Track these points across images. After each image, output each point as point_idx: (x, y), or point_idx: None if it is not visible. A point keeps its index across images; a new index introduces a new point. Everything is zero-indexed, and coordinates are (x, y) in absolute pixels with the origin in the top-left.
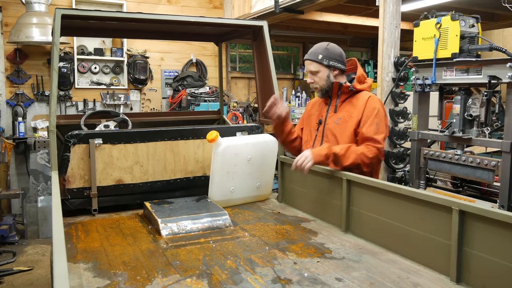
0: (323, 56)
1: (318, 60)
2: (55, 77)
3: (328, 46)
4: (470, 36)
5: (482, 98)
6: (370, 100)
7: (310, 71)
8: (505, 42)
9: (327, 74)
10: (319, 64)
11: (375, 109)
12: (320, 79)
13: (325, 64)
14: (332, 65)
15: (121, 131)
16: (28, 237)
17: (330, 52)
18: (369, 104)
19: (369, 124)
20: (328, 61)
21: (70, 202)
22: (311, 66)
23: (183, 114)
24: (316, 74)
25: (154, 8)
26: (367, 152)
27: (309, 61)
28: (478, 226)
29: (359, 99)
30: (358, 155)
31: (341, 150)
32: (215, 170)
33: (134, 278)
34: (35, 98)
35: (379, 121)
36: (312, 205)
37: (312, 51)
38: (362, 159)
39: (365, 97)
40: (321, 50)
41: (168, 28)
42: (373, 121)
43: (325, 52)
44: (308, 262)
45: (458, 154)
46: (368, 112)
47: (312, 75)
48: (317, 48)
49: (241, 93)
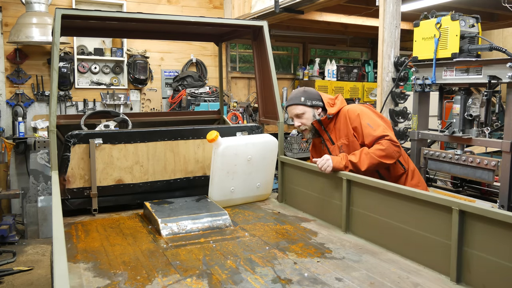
0: (305, 98)
1: (302, 103)
2: (55, 77)
3: (306, 89)
4: (470, 36)
5: (482, 98)
6: (349, 113)
7: (296, 115)
8: (505, 42)
9: (313, 113)
10: (303, 106)
11: (357, 116)
12: (307, 119)
13: (309, 105)
14: (314, 104)
15: (121, 131)
16: (28, 237)
17: (309, 94)
18: (350, 116)
19: (364, 129)
20: (311, 101)
21: (70, 202)
22: (296, 109)
23: (183, 114)
24: (302, 116)
25: (154, 8)
26: (379, 146)
27: (293, 106)
28: (478, 226)
29: (341, 119)
30: (372, 153)
31: (355, 157)
32: (215, 170)
33: (134, 278)
34: (35, 98)
35: (369, 121)
36: (312, 205)
37: (292, 97)
38: (377, 154)
39: (344, 114)
40: (301, 94)
41: (168, 28)
42: (364, 125)
43: (305, 95)
44: (308, 262)
45: (458, 154)
46: (355, 122)
47: (298, 119)
48: (296, 93)
49: (241, 93)
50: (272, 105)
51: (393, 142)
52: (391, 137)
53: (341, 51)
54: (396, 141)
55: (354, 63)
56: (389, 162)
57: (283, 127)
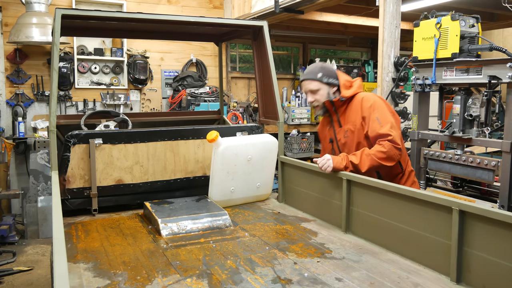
0: (322, 74)
1: (318, 79)
2: (55, 77)
3: (323, 65)
4: (470, 36)
5: (482, 98)
6: (363, 101)
7: (310, 90)
8: (505, 42)
9: (327, 91)
10: (319, 82)
11: (370, 106)
12: (321, 96)
13: (325, 82)
14: (330, 82)
15: (121, 131)
16: (28, 237)
17: (326, 70)
18: (364, 105)
19: (371, 123)
20: (327, 78)
21: (70, 202)
22: (311, 85)
23: (183, 114)
24: (317, 93)
25: (154, 8)
26: (381, 148)
27: (308, 80)
28: (478, 226)
29: (354, 105)
30: (373, 154)
31: (356, 157)
32: (215, 170)
33: (134, 278)
34: (35, 98)
35: (379, 115)
36: (312, 205)
37: (309, 71)
38: (378, 156)
39: (358, 100)
40: (318, 69)
41: (168, 28)
42: (373, 118)
43: (322, 71)
44: (308, 262)
45: (458, 154)
46: (366, 113)
47: (312, 94)
48: (313, 67)
49: (241, 93)
50: (272, 105)
51: (395, 144)
52: (393, 138)
53: (341, 51)
54: (398, 143)
55: (354, 63)
56: (389, 164)
57: (283, 127)
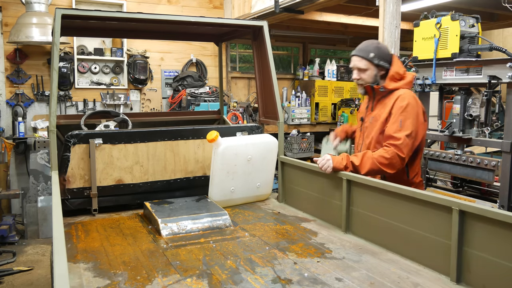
0: (374, 55)
1: (369, 58)
2: (55, 77)
3: (379, 45)
4: (470, 36)
5: (482, 98)
6: (399, 99)
7: (358, 68)
8: (505, 42)
9: (375, 73)
10: (369, 63)
11: (402, 107)
12: (368, 77)
13: (375, 63)
14: (381, 64)
15: (121, 131)
16: (28, 237)
17: (381, 52)
18: (397, 103)
19: (393, 122)
20: (379, 60)
21: (70, 202)
22: (360, 63)
23: (183, 114)
24: (364, 72)
25: (154, 8)
26: (384, 153)
27: (358, 57)
28: (478, 226)
29: (390, 98)
30: (375, 158)
31: (357, 159)
32: (215, 170)
33: (134, 278)
34: (35, 98)
35: (404, 118)
36: (312, 205)
37: (362, 48)
38: (380, 161)
39: (396, 95)
40: (372, 48)
41: (168, 28)
42: (397, 118)
43: (376, 51)
44: (308, 262)
45: (458, 154)
46: (395, 110)
47: (359, 72)
48: (367, 45)
49: (241, 93)
50: (272, 105)
51: (400, 153)
52: (401, 146)
53: (341, 51)
54: (403, 153)
55: None
56: (389, 171)
57: (283, 127)
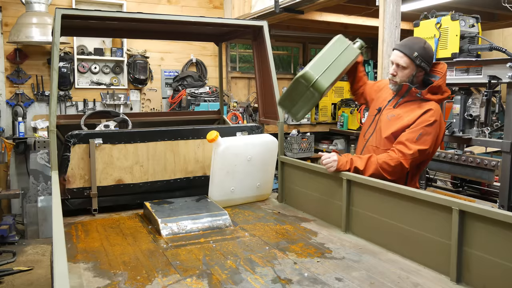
0: (418, 55)
1: (412, 57)
2: (55, 77)
3: (426, 46)
4: (470, 36)
5: (482, 98)
6: (429, 113)
7: (397, 64)
8: (505, 42)
9: (414, 73)
10: (411, 61)
11: (428, 122)
12: (404, 75)
13: (417, 64)
14: (422, 66)
15: (121, 131)
16: (28, 237)
17: (426, 53)
18: (426, 116)
19: (412, 131)
20: (421, 61)
21: (70, 202)
22: (401, 60)
23: (183, 114)
24: (403, 70)
25: (154, 8)
26: (389, 161)
27: (401, 53)
28: (478, 226)
29: (421, 108)
30: (379, 164)
31: (361, 163)
32: (215, 170)
33: (134, 278)
34: (35, 98)
35: (425, 133)
36: (312, 205)
37: (408, 45)
38: (383, 167)
39: (426, 107)
40: (418, 48)
41: (168, 28)
42: (418, 130)
43: (421, 51)
44: (308, 262)
45: (458, 154)
46: (420, 121)
47: (397, 68)
48: (414, 43)
49: (241, 93)
50: (272, 105)
51: (405, 164)
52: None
53: None
54: (408, 165)
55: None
56: (390, 178)
57: (283, 127)
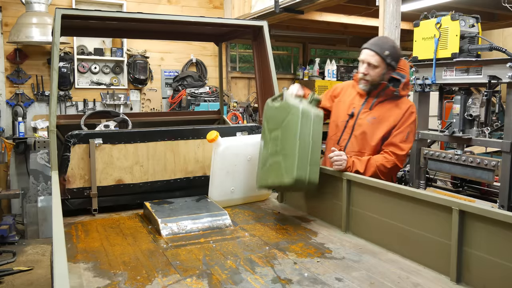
0: (389, 53)
1: (383, 56)
2: (55, 77)
3: (395, 45)
4: (470, 36)
5: (482, 98)
6: (410, 109)
7: (368, 63)
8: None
9: (384, 72)
10: (382, 60)
11: (411, 120)
12: (376, 74)
13: (387, 62)
14: (392, 65)
15: (121, 131)
16: (28, 237)
17: (396, 51)
18: (408, 113)
19: (401, 131)
20: (391, 60)
21: (70, 202)
22: (373, 58)
23: (183, 114)
24: (374, 69)
25: (154, 8)
26: (386, 163)
27: (373, 52)
28: (478, 226)
29: (400, 106)
30: (377, 167)
31: (361, 166)
32: (215, 170)
33: (134, 278)
34: (35, 98)
35: (410, 131)
36: (312, 205)
37: (378, 43)
38: (381, 170)
39: (406, 105)
40: (388, 47)
41: (168, 28)
42: (405, 130)
43: (392, 50)
44: (308, 262)
45: (458, 154)
46: (405, 121)
47: (368, 68)
48: (384, 42)
49: (241, 93)
50: None
51: (399, 164)
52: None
53: (341, 51)
54: (402, 165)
55: (354, 63)
56: (384, 179)
57: None
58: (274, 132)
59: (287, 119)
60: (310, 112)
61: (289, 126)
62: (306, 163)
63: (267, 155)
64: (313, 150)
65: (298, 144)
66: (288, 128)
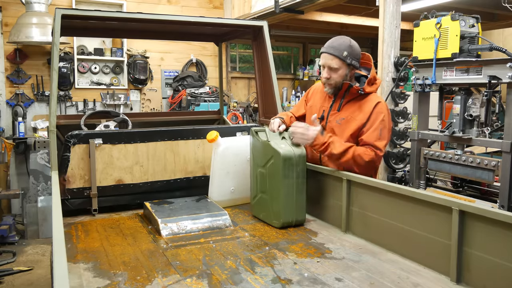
0: (348, 53)
1: (342, 57)
2: (55, 77)
3: (352, 43)
4: (470, 36)
5: (482, 98)
6: (378, 106)
7: (329, 67)
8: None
9: (346, 72)
10: (342, 62)
11: (381, 116)
12: (339, 76)
13: (348, 63)
14: (353, 64)
15: (121, 131)
16: (28, 237)
17: (353, 50)
18: (376, 110)
19: (373, 130)
20: (351, 59)
21: (70, 202)
22: (332, 62)
23: (183, 114)
24: (336, 71)
25: (154, 8)
26: (364, 155)
27: (331, 56)
28: (478, 226)
29: (367, 103)
30: (354, 156)
31: (339, 148)
32: (215, 170)
33: (134, 278)
34: (35, 98)
35: (383, 128)
36: (312, 205)
37: (335, 46)
38: (357, 160)
39: (373, 102)
40: (345, 47)
41: (168, 28)
42: (377, 127)
43: (349, 50)
44: (308, 262)
45: (458, 154)
46: (374, 118)
47: (330, 71)
48: (340, 43)
49: (241, 93)
50: (272, 105)
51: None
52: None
53: None
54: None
55: None
56: (358, 171)
57: None
58: (260, 169)
59: (270, 161)
60: (292, 156)
61: (273, 169)
62: (292, 207)
63: (257, 186)
64: (298, 191)
65: (283, 190)
66: (273, 171)
